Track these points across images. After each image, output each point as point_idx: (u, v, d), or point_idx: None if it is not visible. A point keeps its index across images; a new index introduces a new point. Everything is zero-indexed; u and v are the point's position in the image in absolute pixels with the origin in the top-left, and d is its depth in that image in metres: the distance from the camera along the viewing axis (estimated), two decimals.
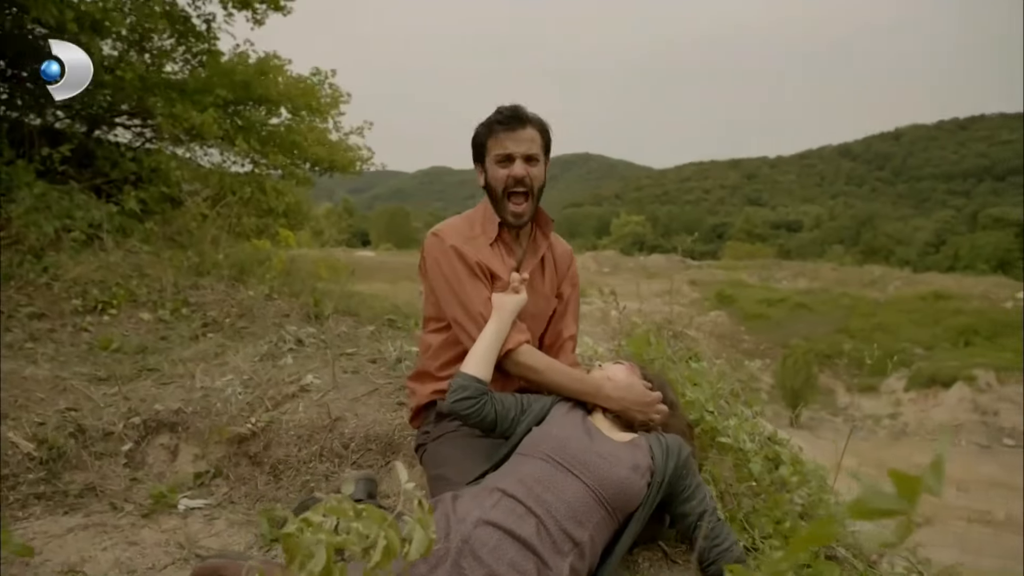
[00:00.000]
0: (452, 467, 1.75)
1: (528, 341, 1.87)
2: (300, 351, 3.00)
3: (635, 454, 1.59)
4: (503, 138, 1.92)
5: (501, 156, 1.93)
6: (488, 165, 1.96)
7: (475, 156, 2.01)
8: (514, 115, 1.92)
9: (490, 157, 1.95)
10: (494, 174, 1.94)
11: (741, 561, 1.58)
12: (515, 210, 1.95)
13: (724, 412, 2.24)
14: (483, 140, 1.97)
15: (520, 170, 1.91)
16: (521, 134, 1.92)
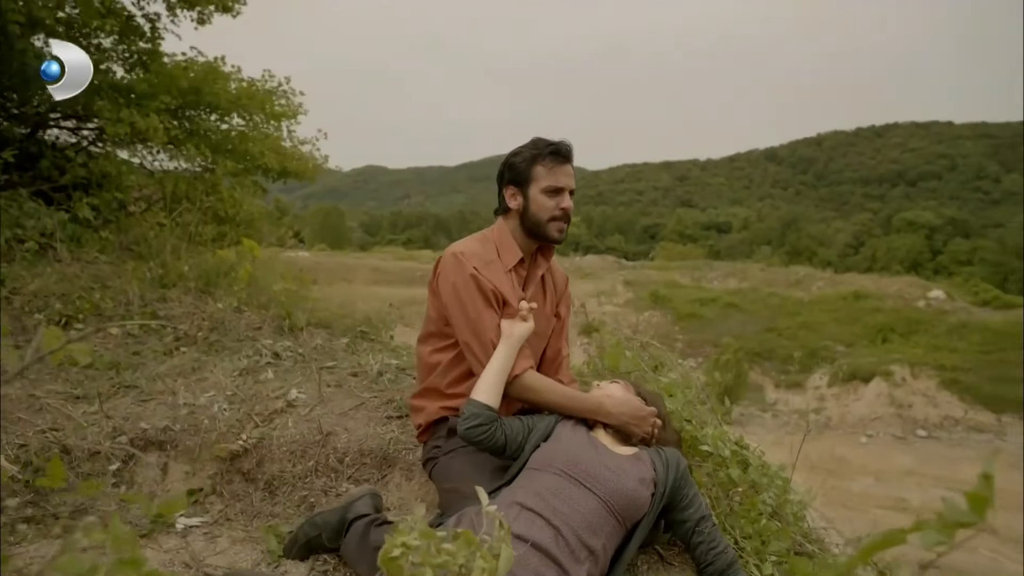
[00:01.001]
0: (465, 481, 1.84)
1: (533, 367, 1.99)
2: (279, 365, 3.02)
3: (640, 468, 1.73)
4: (556, 171, 2.07)
5: (551, 188, 2.07)
6: (533, 193, 2.08)
7: (512, 179, 2.12)
8: (568, 151, 2.08)
9: (536, 186, 2.08)
10: (541, 203, 2.08)
11: (734, 562, 1.73)
12: (560, 229, 2.11)
13: (700, 421, 2.40)
14: (528, 167, 2.09)
15: (568, 203, 2.08)
16: (568, 168, 2.09)
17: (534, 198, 2.08)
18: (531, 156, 2.08)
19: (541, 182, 2.07)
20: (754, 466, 2.44)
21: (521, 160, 2.09)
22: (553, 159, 2.06)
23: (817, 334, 31.23)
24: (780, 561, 1.96)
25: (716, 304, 34.90)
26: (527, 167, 2.08)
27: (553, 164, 2.06)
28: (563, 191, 2.08)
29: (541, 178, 2.07)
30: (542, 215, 2.08)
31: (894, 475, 20.97)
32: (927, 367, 26.77)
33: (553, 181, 2.06)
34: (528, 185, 2.09)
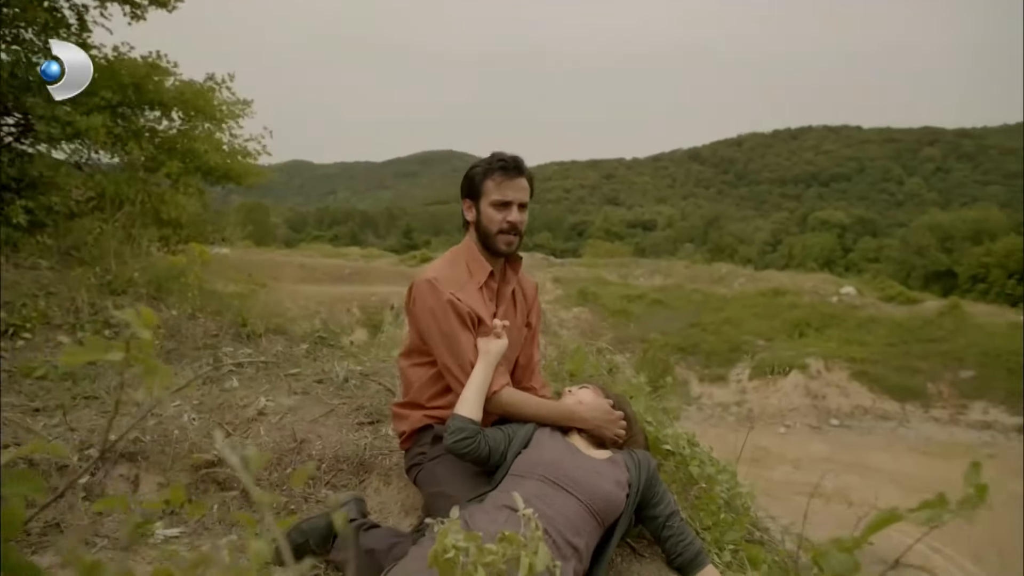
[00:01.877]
0: (451, 485, 1.94)
1: (509, 383, 2.10)
2: (242, 373, 3.02)
3: (615, 471, 1.87)
4: (504, 185, 2.15)
5: (499, 201, 2.15)
6: (483, 206, 2.17)
7: (468, 192, 2.20)
8: (516, 165, 2.15)
9: (487, 199, 2.16)
10: (490, 216, 2.16)
11: (701, 551, 1.90)
12: (507, 242, 2.18)
13: (659, 422, 2.57)
14: (480, 181, 2.17)
15: (516, 217, 2.15)
16: (519, 183, 2.16)
17: (484, 211, 2.17)
18: (484, 170, 2.17)
19: (490, 195, 2.16)
20: (706, 462, 2.63)
21: (475, 174, 2.19)
22: (502, 173, 2.15)
23: (739, 329, 32.33)
24: (736, 549, 2.14)
25: (643, 301, 35.63)
26: (480, 181, 2.18)
27: (502, 178, 2.15)
28: (511, 204, 2.15)
29: (491, 192, 2.16)
30: (491, 228, 2.16)
31: (810, 463, 22.00)
32: (839, 360, 28.15)
33: (500, 195, 2.15)
34: (480, 198, 2.18)
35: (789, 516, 12.02)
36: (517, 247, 2.22)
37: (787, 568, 2.18)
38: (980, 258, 47.66)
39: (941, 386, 26.66)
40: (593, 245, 65.21)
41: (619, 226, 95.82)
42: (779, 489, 18.99)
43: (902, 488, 19.69)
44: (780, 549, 2.43)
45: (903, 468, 21.59)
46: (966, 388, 26.23)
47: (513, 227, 2.16)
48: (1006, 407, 25.21)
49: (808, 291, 35.85)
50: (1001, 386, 25.73)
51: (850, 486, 20.03)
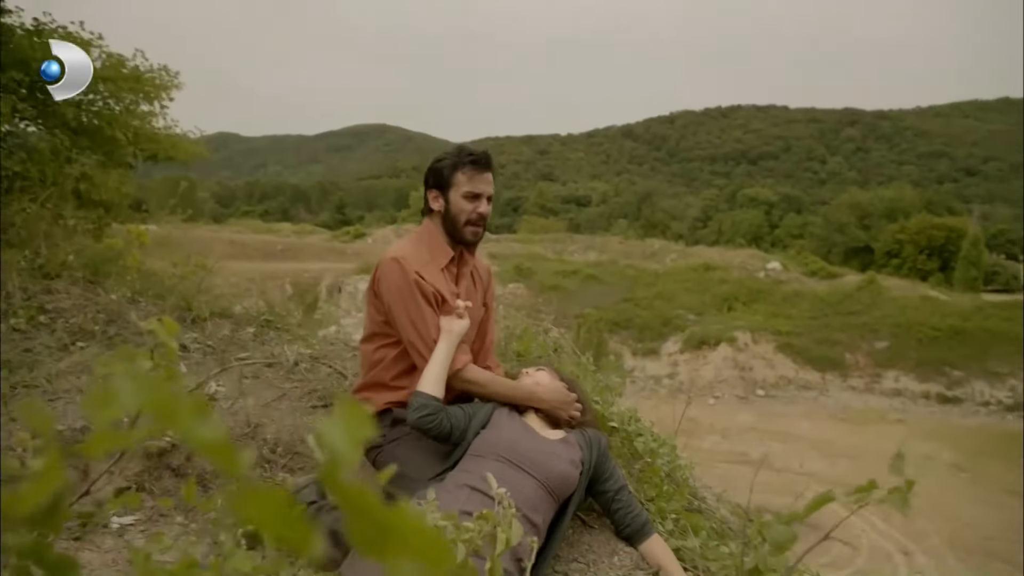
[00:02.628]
0: (411, 466, 2.01)
1: (471, 360, 2.19)
2: (189, 358, 2.99)
3: (570, 450, 1.98)
4: (475, 178, 2.23)
5: (470, 194, 2.23)
6: (453, 197, 2.24)
7: (436, 183, 2.28)
8: (487, 160, 2.25)
9: (457, 191, 2.23)
10: (460, 206, 2.24)
11: (647, 522, 2.03)
12: (474, 232, 2.28)
13: (607, 400, 2.69)
14: (450, 172, 2.24)
15: (485, 208, 2.25)
16: (487, 176, 2.26)
17: (455, 202, 2.25)
18: (453, 163, 2.25)
19: (461, 188, 2.24)
20: (648, 437, 2.77)
21: (444, 166, 2.26)
22: (473, 167, 2.24)
23: (670, 303, 33.18)
24: (677, 518, 2.29)
25: (577, 276, 36.09)
26: (449, 173, 2.25)
27: (473, 172, 2.24)
28: (481, 197, 2.25)
29: (462, 184, 2.24)
30: (460, 218, 2.25)
31: (737, 431, 22.98)
32: (766, 332, 29.33)
33: (472, 188, 2.24)
34: (449, 190, 2.25)
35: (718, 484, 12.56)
36: (481, 237, 2.32)
37: (723, 533, 2.35)
38: (895, 235, 50.14)
39: (858, 356, 28.14)
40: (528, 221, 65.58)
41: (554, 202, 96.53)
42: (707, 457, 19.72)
43: (822, 454, 20.80)
44: (716, 516, 2.61)
45: (823, 435, 22.76)
46: (880, 358, 27.76)
47: (482, 218, 2.26)
48: (916, 375, 26.82)
49: (737, 266, 37.05)
50: (912, 355, 27.34)
51: (775, 453, 21.01)
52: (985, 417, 24.82)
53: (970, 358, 26.81)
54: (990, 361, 26.61)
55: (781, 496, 15.41)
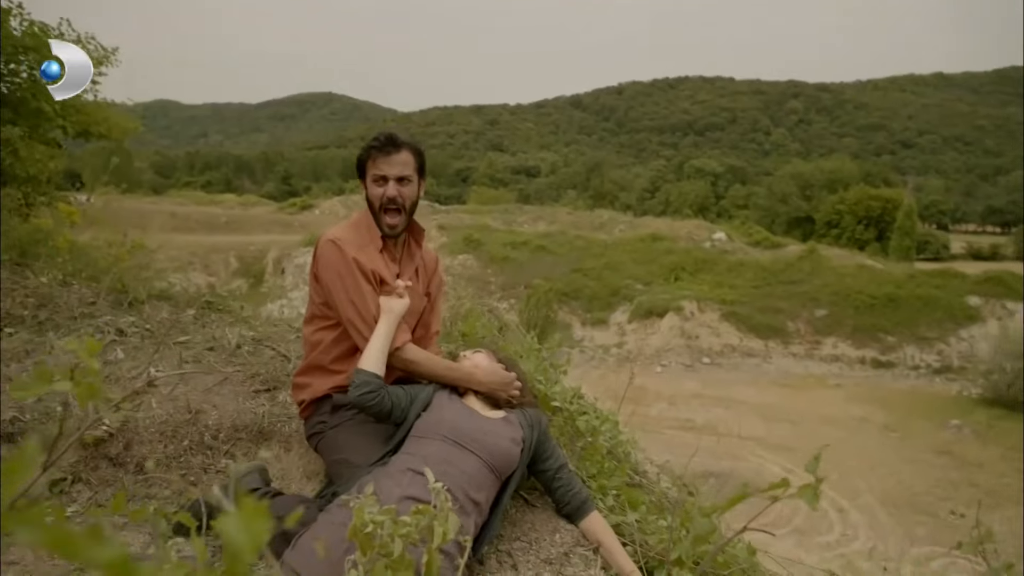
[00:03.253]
0: (353, 451, 2.02)
1: (411, 340, 2.18)
2: (126, 343, 2.91)
3: (510, 429, 2.01)
4: (379, 161, 2.18)
5: (377, 177, 2.19)
6: (367, 183, 2.21)
7: (359, 172, 2.24)
8: (389, 140, 2.18)
9: (369, 176, 2.20)
10: (372, 192, 2.20)
11: (587, 499, 2.09)
12: (389, 222, 2.22)
13: (550, 379, 2.73)
14: (364, 161, 2.22)
15: (392, 191, 2.19)
16: (395, 158, 2.19)
17: (368, 188, 2.23)
18: (365, 150, 2.22)
19: (370, 173, 2.21)
20: (591, 414, 2.83)
21: (361, 155, 2.24)
22: (377, 150, 2.20)
23: (619, 274, 33.56)
24: (618, 494, 2.35)
25: (527, 247, 36.15)
26: (363, 160, 2.23)
27: (378, 155, 2.20)
28: (387, 179, 2.20)
29: (370, 169, 2.21)
30: (375, 204, 2.22)
31: (683, 399, 23.57)
32: (711, 302, 29.99)
33: (377, 171, 2.20)
34: (365, 177, 2.24)
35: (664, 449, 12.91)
36: (402, 228, 2.26)
37: (662, 507, 2.43)
38: (834, 205, 51.62)
39: (799, 324, 29.05)
40: (477, 192, 65.28)
41: (503, 172, 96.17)
42: (654, 424, 20.30)
43: (763, 418, 21.51)
44: (656, 489, 2.69)
45: (765, 400, 23.53)
46: (820, 325, 28.72)
47: (391, 200, 2.20)
48: (852, 342, 27.87)
49: (683, 237, 37.62)
50: (849, 323, 28.37)
51: (718, 419, 21.67)
52: (915, 380, 26.00)
53: (902, 324, 27.98)
54: (921, 327, 27.82)
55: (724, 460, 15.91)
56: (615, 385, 13.52)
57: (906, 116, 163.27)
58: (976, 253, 60.03)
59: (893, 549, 13.93)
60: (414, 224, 2.35)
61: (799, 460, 18.56)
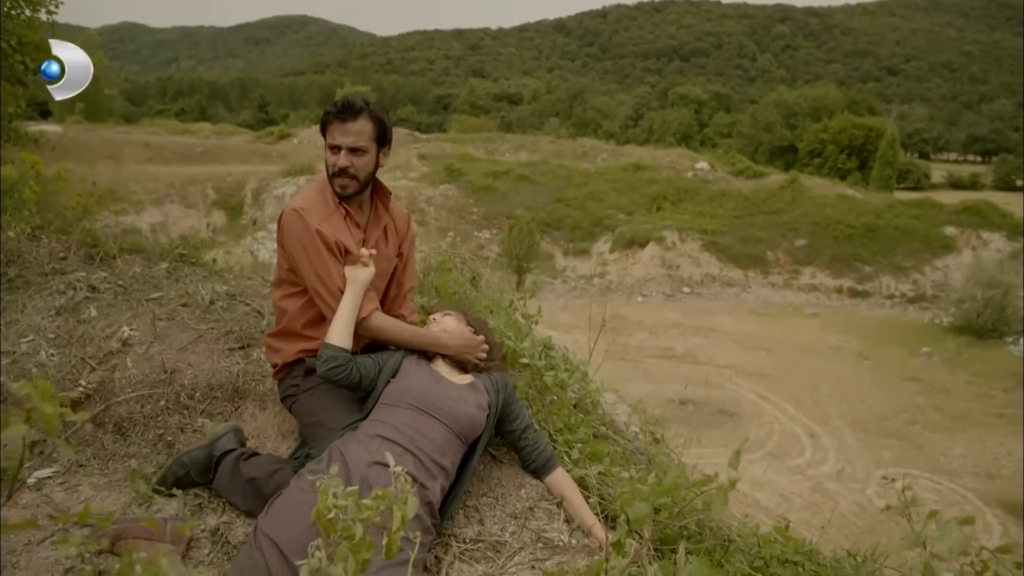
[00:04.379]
0: (326, 414, 2.09)
1: (378, 308, 2.22)
2: (98, 299, 2.91)
3: (477, 395, 2.08)
4: (335, 129, 2.16)
5: (330, 145, 2.17)
6: (325, 151, 2.20)
7: (323, 137, 2.21)
8: (346, 107, 2.15)
9: (327, 143, 2.18)
10: (328, 160, 2.19)
11: (552, 457, 2.18)
12: (339, 186, 2.21)
13: (520, 334, 2.79)
14: (324, 127, 2.19)
15: (344, 161, 2.16)
16: (350, 127, 2.15)
17: (326, 155, 2.21)
18: (326, 114, 2.20)
19: (327, 140, 2.20)
20: (560, 366, 2.91)
21: (324, 118, 2.21)
22: (335, 118, 2.17)
23: (601, 204, 33.52)
24: (584, 446, 2.45)
25: (509, 177, 35.89)
26: (324, 127, 2.20)
27: (335, 122, 2.18)
28: (339, 149, 2.17)
29: (327, 135, 2.19)
30: (329, 171, 2.22)
31: (663, 328, 23.99)
32: (693, 232, 30.15)
33: (331, 139, 2.18)
34: (325, 143, 2.22)
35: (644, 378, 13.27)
36: (354, 192, 2.24)
37: (627, 457, 2.54)
38: (818, 134, 51.41)
39: (779, 254, 29.38)
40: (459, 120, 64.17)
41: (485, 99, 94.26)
42: (634, 353, 20.72)
43: (740, 346, 22.01)
44: (623, 438, 2.80)
45: (743, 328, 24.01)
46: (799, 255, 29.07)
47: (342, 171, 2.18)
48: (830, 271, 28.31)
49: (666, 166, 37.43)
50: (828, 252, 28.74)
51: (698, 347, 22.14)
52: (890, 309, 26.58)
53: (880, 254, 28.39)
54: (898, 256, 28.26)
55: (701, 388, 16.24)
56: (597, 316, 13.77)
57: (894, 41, 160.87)
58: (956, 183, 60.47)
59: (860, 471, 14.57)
60: (380, 186, 2.35)
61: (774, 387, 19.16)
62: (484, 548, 1.95)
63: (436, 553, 1.91)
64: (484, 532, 2.01)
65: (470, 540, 1.98)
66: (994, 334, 21.87)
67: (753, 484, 13.49)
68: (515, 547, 1.96)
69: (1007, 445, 15.60)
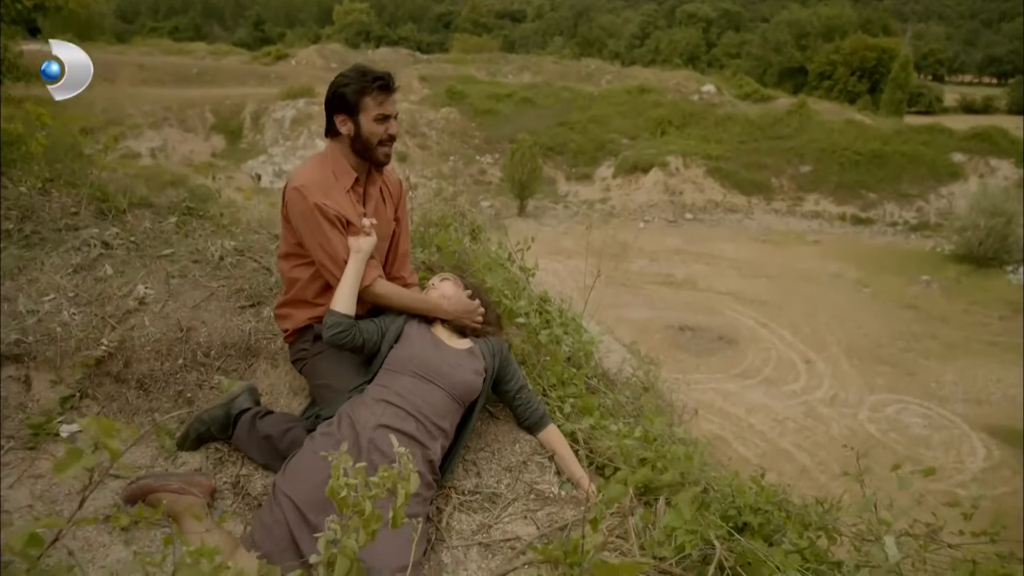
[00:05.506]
0: (334, 377, 2.26)
1: (381, 275, 2.36)
2: (112, 256, 3.03)
3: (474, 361, 2.24)
4: (383, 101, 2.28)
5: (380, 116, 2.29)
6: (363, 121, 2.28)
7: (343, 108, 2.29)
8: (392, 81, 2.29)
9: (367, 114, 2.28)
10: (372, 129, 2.29)
11: (544, 415, 2.36)
12: (387, 153, 2.37)
13: (517, 290, 2.93)
14: (357, 97, 2.27)
15: (395, 129, 2.33)
16: (393, 97, 2.31)
17: (366, 125, 2.30)
18: (360, 87, 2.27)
19: (371, 112, 2.28)
20: (554, 320, 3.06)
21: (349, 91, 2.28)
22: (381, 90, 2.28)
23: (605, 127, 33.04)
24: (575, 401, 2.63)
25: (511, 99, 35.29)
26: (357, 98, 2.27)
27: (381, 95, 2.28)
28: (390, 118, 2.32)
29: (370, 108, 2.28)
30: (372, 140, 2.32)
31: (665, 254, 24.09)
32: (697, 157, 29.85)
33: (382, 110, 2.29)
34: (358, 114, 2.29)
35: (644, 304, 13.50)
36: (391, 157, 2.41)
37: (616, 410, 2.71)
38: (829, 55, 50.01)
39: (783, 180, 29.16)
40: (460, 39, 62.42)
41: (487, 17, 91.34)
42: (635, 279, 20.92)
43: (741, 273, 22.17)
44: (613, 392, 2.96)
45: (744, 255, 24.10)
46: (803, 182, 28.85)
47: (392, 138, 2.34)
48: (834, 198, 28.15)
49: (671, 89, 36.67)
50: (833, 179, 28.50)
51: (698, 274, 22.30)
52: (892, 237, 26.58)
53: (885, 181, 28.15)
54: (903, 184, 28.03)
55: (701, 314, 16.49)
56: (598, 242, 14.02)
57: None
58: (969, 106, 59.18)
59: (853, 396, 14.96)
60: None
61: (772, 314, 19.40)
62: (481, 499, 2.15)
63: (437, 504, 2.11)
64: (481, 484, 2.21)
65: (468, 492, 2.18)
66: (994, 263, 21.92)
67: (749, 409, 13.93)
68: (509, 498, 2.16)
69: (997, 372, 15.94)
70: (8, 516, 2.01)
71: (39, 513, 2.04)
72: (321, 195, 2.27)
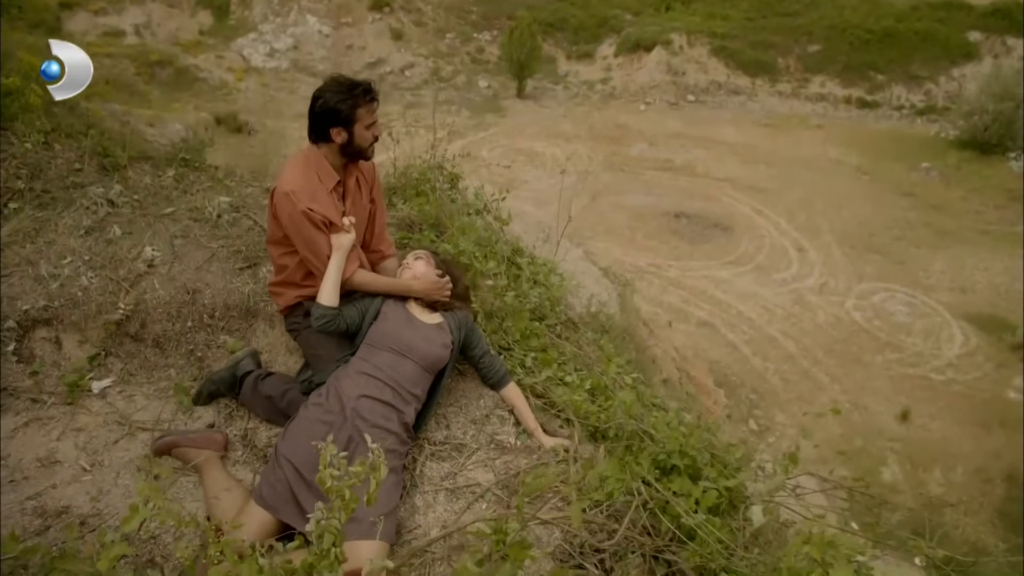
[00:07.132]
0: (322, 348, 2.65)
1: (362, 265, 2.68)
2: (119, 215, 3.29)
3: (442, 335, 2.60)
4: (371, 110, 2.59)
5: (371, 123, 2.60)
6: (358, 130, 2.58)
7: (339, 122, 2.57)
8: (374, 90, 2.60)
9: (361, 124, 2.58)
10: (364, 135, 2.61)
11: (505, 374, 2.75)
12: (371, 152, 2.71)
13: (486, 253, 3.23)
14: (352, 111, 2.55)
15: (380, 128, 2.65)
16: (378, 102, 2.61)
17: (359, 134, 2.60)
18: (353, 103, 2.54)
19: (364, 121, 2.58)
20: (524, 271, 3.38)
21: (344, 107, 2.54)
22: (372, 102, 2.58)
23: (607, 3, 31.71)
24: (536, 356, 2.99)
25: None
26: (351, 110, 2.55)
27: (371, 105, 2.59)
28: (377, 122, 2.64)
29: (363, 118, 2.57)
30: (364, 144, 2.63)
31: (664, 138, 23.82)
32: (702, 35, 28.83)
33: (372, 118, 2.60)
34: (353, 125, 2.58)
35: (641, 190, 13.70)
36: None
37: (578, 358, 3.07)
38: None
39: (789, 60, 28.28)
40: None
41: None
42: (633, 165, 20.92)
43: (741, 159, 22.03)
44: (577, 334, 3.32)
45: (745, 140, 23.83)
46: (810, 62, 28.00)
47: (376, 139, 2.66)
48: (841, 80, 27.42)
49: None
50: (841, 60, 27.63)
51: (697, 159, 22.17)
52: (897, 121, 26.14)
53: (895, 62, 27.33)
54: (914, 65, 27.21)
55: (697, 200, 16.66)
56: (598, 124, 14.12)
57: None
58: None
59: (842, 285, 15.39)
60: None
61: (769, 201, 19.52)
62: (449, 449, 2.57)
63: (413, 455, 2.53)
64: (450, 436, 2.63)
65: (439, 443, 2.60)
66: (998, 149, 21.65)
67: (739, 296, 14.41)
68: (473, 448, 2.58)
69: (986, 260, 16.23)
70: (60, 466, 2.43)
71: (85, 464, 2.45)
72: (308, 199, 2.56)
